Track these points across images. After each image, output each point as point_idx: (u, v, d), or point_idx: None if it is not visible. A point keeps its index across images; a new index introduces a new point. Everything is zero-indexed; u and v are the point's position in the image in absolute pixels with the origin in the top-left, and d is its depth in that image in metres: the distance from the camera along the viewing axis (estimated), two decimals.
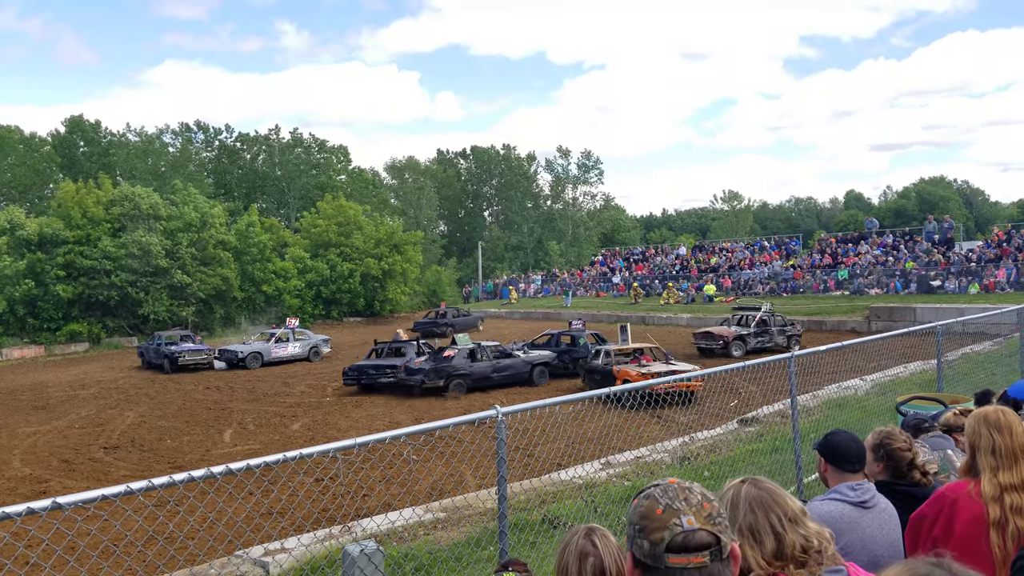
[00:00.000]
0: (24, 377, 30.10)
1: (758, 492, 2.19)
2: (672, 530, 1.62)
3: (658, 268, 54.40)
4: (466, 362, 21.99)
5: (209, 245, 46.77)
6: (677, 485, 1.71)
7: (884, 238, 44.80)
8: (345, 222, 54.43)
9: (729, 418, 13.06)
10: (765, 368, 7.65)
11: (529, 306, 52.53)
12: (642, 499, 1.72)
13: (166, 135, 69.20)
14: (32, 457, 15.72)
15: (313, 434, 17.18)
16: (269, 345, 30.73)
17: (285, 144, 71.81)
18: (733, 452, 9.73)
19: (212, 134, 72.05)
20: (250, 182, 70.76)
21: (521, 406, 5.44)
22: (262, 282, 49.30)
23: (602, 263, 60.87)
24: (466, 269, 74.98)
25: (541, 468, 10.38)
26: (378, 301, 54.13)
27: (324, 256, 52.61)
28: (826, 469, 3.12)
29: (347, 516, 9.03)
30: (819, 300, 39.30)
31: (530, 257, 79.66)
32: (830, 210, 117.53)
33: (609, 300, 50.57)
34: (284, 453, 3.95)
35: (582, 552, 1.97)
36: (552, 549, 6.11)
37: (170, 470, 13.09)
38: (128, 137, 64.90)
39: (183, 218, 46.23)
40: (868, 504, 2.93)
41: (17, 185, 58.96)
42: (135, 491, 3.35)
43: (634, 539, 1.69)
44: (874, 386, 12.96)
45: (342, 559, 4.59)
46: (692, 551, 1.61)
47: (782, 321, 28.52)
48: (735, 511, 2.16)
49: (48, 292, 41.32)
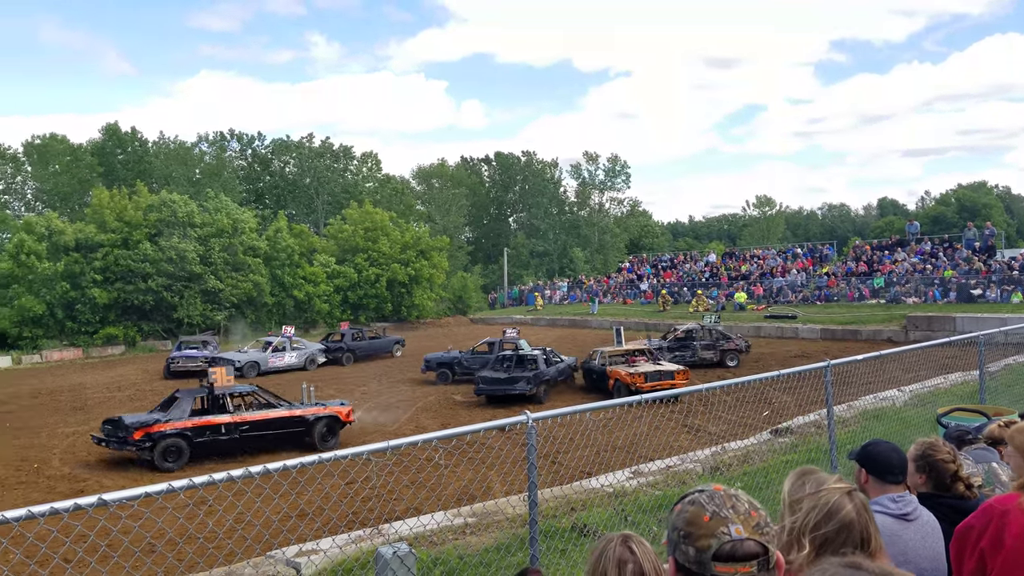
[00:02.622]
0: (63, 379, 30.66)
1: (857, 518, 2.17)
2: (719, 538, 1.61)
3: (687, 275, 54.00)
4: (551, 369, 22.37)
5: (240, 251, 47.39)
6: (723, 492, 1.70)
7: (922, 245, 44.01)
8: (372, 227, 54.88)
9: (761, 428, 12.91)
10: (799, 378, 7.55)
11: (555, 313, 52.45)
12: (687, 504, 1.70)
13: (203, 144, 70.47)
14: (71, 456, 16.00)
15: (341, 438, 17.27)
16: (266, 355, 30.12)
17: (315, 151, 72.60)
18: (766, 463, 9.61)
19: (246, 142, 73.10)
20: (281, 189, 71.63)
21: (552, 412, 5.43)
22: (292, 287, 49.83)
23: (629, 270, 60.56)
24: (491, 276, 75.08)
25: (569, 475, 10.34)
26: (405, 307, 54.41)
27: (351, 261, 53.06)
28: (866, 480, 3.06)
29: (377, 519, 9.08)
30: (854, 308, 38.69)
31: (555, 264, 79.54)
32: (864, 217, 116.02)
33: (636, 307, 50.31)
34: (319, 455, 4.01)
35: (620, 559, 1.94)
36: (582, 557, 6.07)
37: (203, 471, 13.26)
38: (164, 145, 66.05)
39: (215, 224, 46.91)
40: (910, 517, 2.87)
41: (59, 192, 60.27)
42: (176, 489, 3.43)
43: (678, 545, 1.67)
44: (912, 397, 12.72)
45: (375, 561, 4.61)
46: (740, 560, 1.60)
47: (716, 335, 27.38)
48: (823, 523, 2.12)
49: (85, 295, 42.13)
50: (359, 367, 31.20)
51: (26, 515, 3.07)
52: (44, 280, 40.87)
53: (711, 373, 24.33)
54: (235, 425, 15.62)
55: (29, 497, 12.88)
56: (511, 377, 21.08)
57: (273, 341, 31.36)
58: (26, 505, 3.24)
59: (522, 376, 21.02)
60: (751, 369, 24.06)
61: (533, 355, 22.57)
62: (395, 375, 28.19)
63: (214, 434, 15.44)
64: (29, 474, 14.84)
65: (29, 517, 3.08)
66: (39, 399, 25.06)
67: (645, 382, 19.99)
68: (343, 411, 16.86)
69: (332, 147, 73.62)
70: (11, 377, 32.28)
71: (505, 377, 21.17)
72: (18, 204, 61.42)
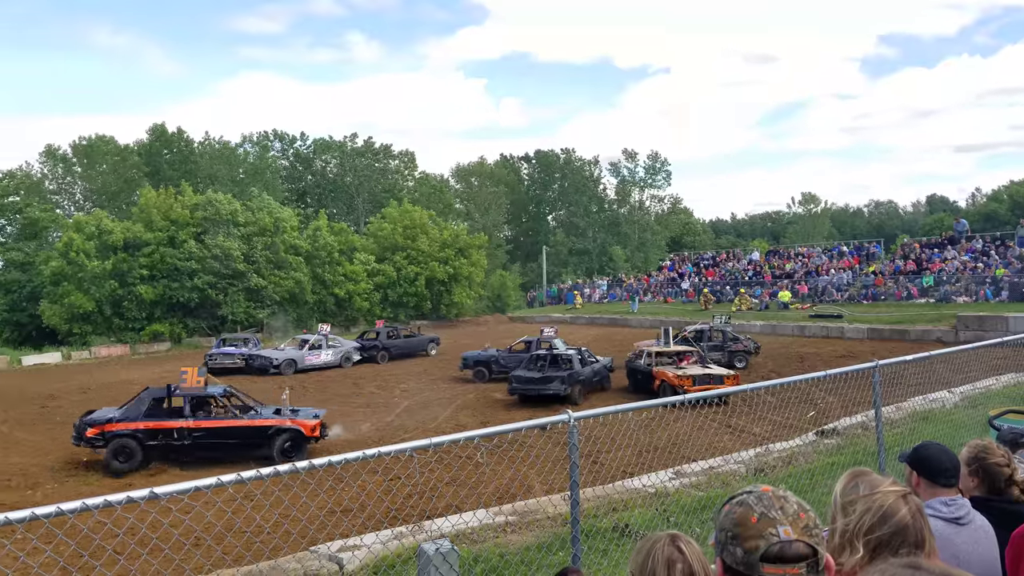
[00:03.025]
0: (112, 374, 31.41)
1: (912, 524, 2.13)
2: (768, 539, 1.61)
3: (730, 273, 53.37)
4: (586, 369, 21.96)
5: (281, 249, 48.11)
6: (771, 493, 1.69)
7: (973, 243, 42.89)
8: (411, 226, 55.28)
9: (806, 429, 12.72)
10: (845, 378, 7.42)
11: (594, 311, 52.25)
12: (735, 505, 1.71)
13: (247, 144, 71.70)
14: None
15: (382, 434, 17.47)
16: (303, 352, 30.36)
17: (356, 151, 73.35)
18: (811, 464, 9.46)
19: (288, 142, 74.18)
20: (322, 189, 72.53)
21: (593, 411, 5.41)
22: (333, 285, 50.42)
23: (670, 268, 60.07)
24: (530, 274, 75.11)
25: (609, 475, 10.30)
26: (444, 305, 54.70)
27: (391, 260, 53.51)
28: (917, 483, 3.00)
29: (417, 516, 9.16)
30: (902, 308, 37.86)
31: (595, 262, 79.23)
32: (912, 214, 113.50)
33: (678, 306, 49.87)
34: (363, 451, 4.04)
35: (670, 559, 1.93)
36: (623, 557, 6.05)
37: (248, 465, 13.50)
38: (209, 145, 67.36)
39: (258, 223, 47.69)
40: (963, 521, 2.81)
41: (106, 192, 61.87)
42: (225, 483, 3.49)
43: (726, 545, 1.67)
44: (963, 399, 12.42)
45: (417, 557, 4.65)
46: (788, 562, 1.60)
47: (725, 336, 26.90)
48: (877, 526, 2.09)
49: (132, 293, 43.15)
50: (398, 365, 31.38)
51: (80, 507, 3.11)
52: (93, 278, 41.95)
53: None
54: (188, 431, 14.87)
55: (80, 490, 13.20)
56: (545, 377, 20.79)
57: (310, 339, 31.62)
58: (79, 497, 3.31)
59: (556, 376, 20.70)
60: (796, 369, 23.73)
61: (568, 355, 22.15)
62: (434, 373, 28.37)
63: (166, 438, 14.82)
64: (78, 468, 15.21)
65: (83, 509, 3.12)
66: (87, 394, 25.68)
67: (693, 385, 19.43)
68: (307, 424, 15.44)
69: (373, 146, 74.31)
70: (61, 372, 33.19)
71: (539, 377, 20.90)
72: (68, 204, 63.17)
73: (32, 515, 2.97)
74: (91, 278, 42.02)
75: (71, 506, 3.10)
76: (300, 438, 15.32)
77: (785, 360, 27.33)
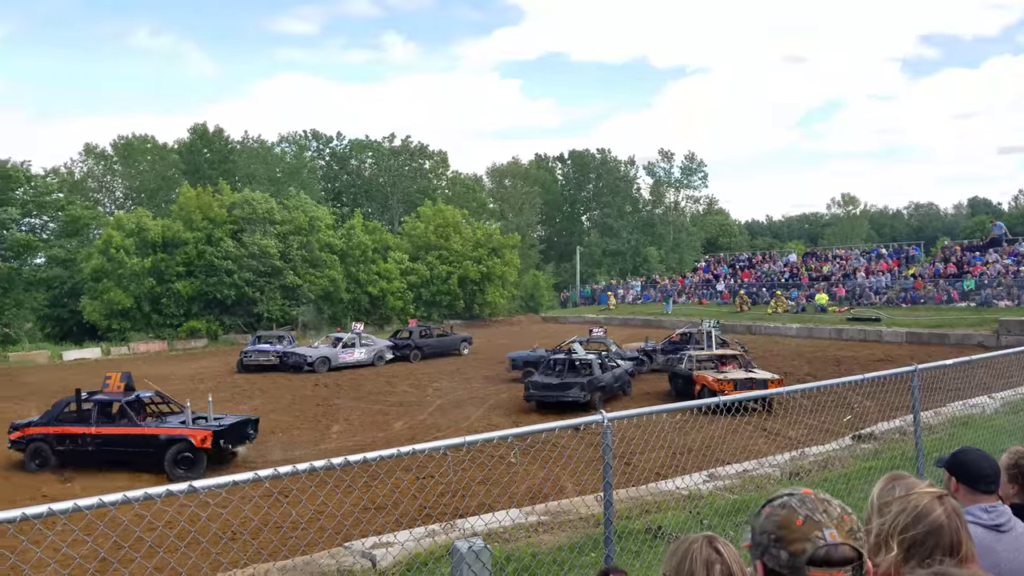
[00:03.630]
0: (150, 370, 31.95)
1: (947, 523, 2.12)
2: (814, 543, 1.60)
3: (766, 275, 52.80)
4: (607, 375, 20.92)
5: (316, 247, 48.62)
6: (814, 496, 1.69)
7: (1016, 246, 41.93)
8: (444, 225, 55.52)
9: (842, 434, 12.56)
10: (882, 382, 7.31)
11: (628, 312, 52.03)
12: (777, 508, 1.69)
13: (284, 144, 72.60)
14: None
15: (414, 433, 17.57)
16: (336, 350, 30.66)
17: (392, 151, 73.86)
18: (847, 469, 9.34)
19: (324, 142, 74.95)
20: (357, 188, 73.14)
21: (628, 412, 5.41)
22: (367, 283, 50.83)
23: (705, 269, 59.59)
24: (564, 274, 75.01)
25: (642, 477, 10.27)
26: (477, 304, 54.84)
27: (424, 259, 53.79)
28: (956, 489, 2.96)
29: (448, 514, 9.22)
30: (942, 311, 37.14)
31: (629, 263, 78.86)
32: (954, 216, 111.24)
33: (713, 308, 49.45)
34: (398, 448, 4.09)
35: (708, 560, 1.92)
36: (655, 559, 6.03)
37: (282, 462, 13.67)
38: (247, 144, 68.31)
39: (294, 222, 48.25)
40: (1004, 528, 2.77)
41: (145, 189, 63.06)
42: (262, 478, 3.54)
43: (768, 549, 1.66)
44: (1004, 404, 12.17)
45: (450, 554, 4.68)
46: (835, 566, 1.60)
47: (709, 340, 25.43)
48: (911, 526, 2.09)
49: (170, 290, 43.90)
50: (431, 364, 31.54)
51: (121, 499, 3.16)
52: (132, 275, 42.74)
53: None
54: (90, 437, 14.57)
55: (117, 484, 13.44)
56: (563, 383, 19.69)
57: (343, 337, 31.95)
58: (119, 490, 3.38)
59: (575, 382, 19.62)
60: (833, 372, 23.42)
61: (588, 359, 21.02)
62: (467, 372, 28.47)
63: (73, 443, 14.62)
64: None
65: (124, 502, 3.17)
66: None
67: (735, 389, 18.55)
68: (197, 435, 14.27)
69: (409, 146, 74.76)
70: (100, 367, 33.68)
71: (557, 383, 19.81)
72: (108, 201, 64.48)
73: (75, 506, 3.02)
74: (130, 275, 42.80)
75: (112, 498, 3.15)
76: (192, 449, 14.30)
77: (821, 363, 26.99)
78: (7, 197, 42.98)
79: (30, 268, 44.89)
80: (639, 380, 23.90)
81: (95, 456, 14.63)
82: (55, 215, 48.16)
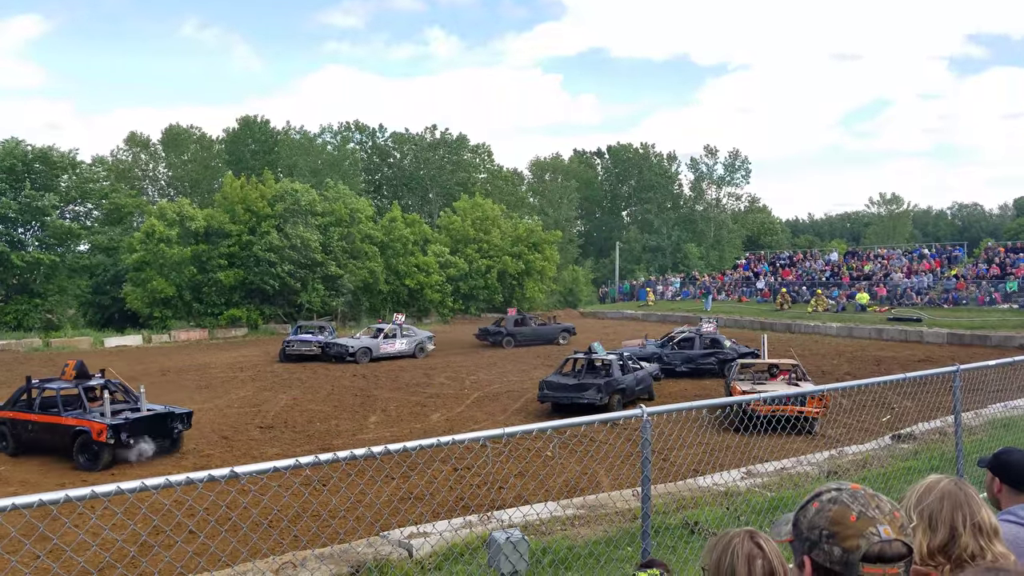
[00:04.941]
0: (190, 358, 32.57)
1: (955, 489, 2.18)
2: (868, 539, 1.62)
3: (806, 274, 52.10)
4: (627, 376, 19.95)
5: (357, 239, 49.02)
6: (864, 492, 1.70)
7: None
8: (482, 218, 55.64)
9: (881, 433, 12.40)
10: (922, 382, 7.22)
11: (667, 308, 51.69)
12: (827, 503, 1.70)
13: (326, 135, 73.28)
14: (195, 432, 16.71)
15: (451, 424, 17.70)
16: (378, 341, 30.85)
17: (433, 143, 74.13)
18: (885, 468, 9.23)
19: (368, 134, 75.51)
20: (398, 180, 73.55)
21: (666, 407, 5.44)
22: (405, 275, 51.16)
23: (746, 267, 58.98)
24: (602, 270, 74.69)
25: (679, 473, 10.26)
26: (515, 298, 54.93)
27: (463, 252, 53.98)
28: (999, 490, 2.95)
29: (485, 506, 9.30)
30: (984, 313, 36.40)
31: (668, 259, 78.27)
32: (999, 217, 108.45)
33: (752, 305, 48.95)
34: (438, 438, 4.15)
35: (750, 554, 1.92)
36: (692, 555, 6.04)
37: (319, 451, 13.88)
38: (290, 135, 69.07)
39: (335, 213, 48.68)
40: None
41: (188, 179, 64.11)
42: (303, 465, 3.61)
43: (819, 544, 1.67)
44: None
45: (487, 545, 4.76)
46: (889, 561, 1.61)
47: (709, 343, 25.05)
48: (924, 497, 2.17)
49: (211, 279, 44.52)
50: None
51: (164, 483, 3.19)
52: (174, 264, 43.43)
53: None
54: (31, 424, 14.93)
55: (155, 469, 13.61)
56: (580, 384, 18.81)
57: (384, 328, 32.24)
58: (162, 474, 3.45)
59: (592, 384, 18.68)
60: (872, 372, 23.08)
61: (607, 360, 20.00)
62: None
63: (22, 429, 15.01)
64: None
65: (167, 485, 3.20)
66: (167, 376, 26.56)
67: (763, 404, 17.16)
68: (95, 426, 13.95)
69: (449, 139, 74.96)
70: (142, 354, 34.52)
71: (573, 384, 18.93)
72: (152, 190, 65.72)
73: (118, 489, 3.07)
74: (172, 264, 43.45)
75: (154, 482, 3.18)
76: (93, 441, 14.01)
77: (861, 363, 26.60)
78: (52, 184, 43.73)
79: (73, 255, 45.49)
80: (660, 385, 22.65)
81: (37, 443, 14.99)
82: (99, 203, 48.99)
